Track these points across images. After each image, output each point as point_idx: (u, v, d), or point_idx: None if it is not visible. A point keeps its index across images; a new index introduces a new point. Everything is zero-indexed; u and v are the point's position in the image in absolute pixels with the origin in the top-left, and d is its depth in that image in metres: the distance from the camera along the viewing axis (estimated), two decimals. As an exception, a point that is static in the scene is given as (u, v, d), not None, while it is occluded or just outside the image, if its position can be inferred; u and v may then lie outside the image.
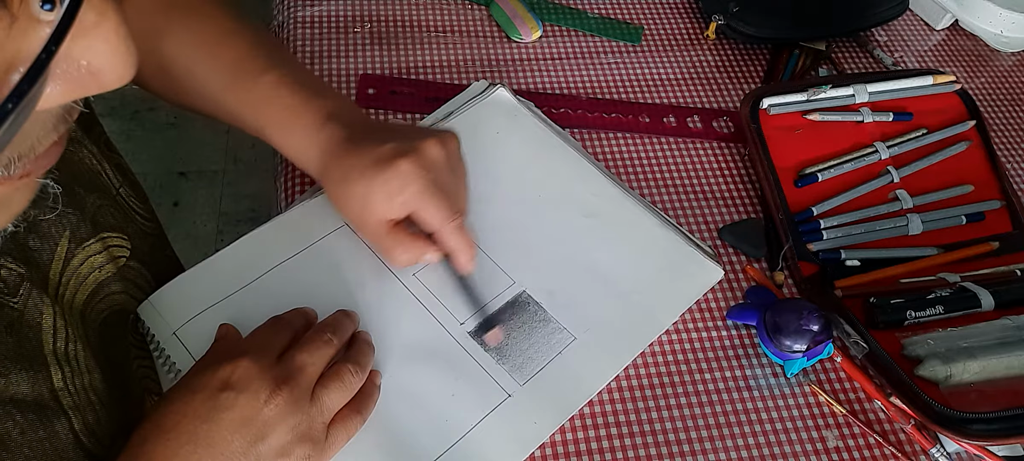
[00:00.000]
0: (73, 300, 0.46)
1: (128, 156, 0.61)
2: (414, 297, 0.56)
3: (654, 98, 0.74)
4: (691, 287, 0.60)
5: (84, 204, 0.48)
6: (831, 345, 0.57)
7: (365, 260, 0.57)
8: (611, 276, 0.59)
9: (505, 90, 0.68)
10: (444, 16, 0.77)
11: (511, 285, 0.58)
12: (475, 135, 0.64)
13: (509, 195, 0.63)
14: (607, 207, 0.63)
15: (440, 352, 0.54)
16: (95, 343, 0.47)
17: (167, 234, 0.64)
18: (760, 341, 0.58)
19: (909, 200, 0.66)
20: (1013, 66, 0.84)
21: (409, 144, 0.52)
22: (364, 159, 0.52)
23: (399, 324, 0.55)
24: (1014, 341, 0.57)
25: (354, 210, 0.54)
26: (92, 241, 0.48)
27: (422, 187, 0.51)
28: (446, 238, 0.53)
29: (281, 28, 0.75)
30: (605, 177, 0.64)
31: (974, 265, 0.64)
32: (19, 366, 0.40)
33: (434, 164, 0.53)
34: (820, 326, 0.55)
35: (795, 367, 0.57)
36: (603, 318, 0.57)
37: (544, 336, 0.56)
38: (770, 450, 0.55)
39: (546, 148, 0.66)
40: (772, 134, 0.68)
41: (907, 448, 0.56)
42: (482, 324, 0.56)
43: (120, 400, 0.46)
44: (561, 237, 0.61)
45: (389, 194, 0.51)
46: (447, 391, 0.53)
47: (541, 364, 0.54)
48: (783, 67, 0.78)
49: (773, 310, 0.56)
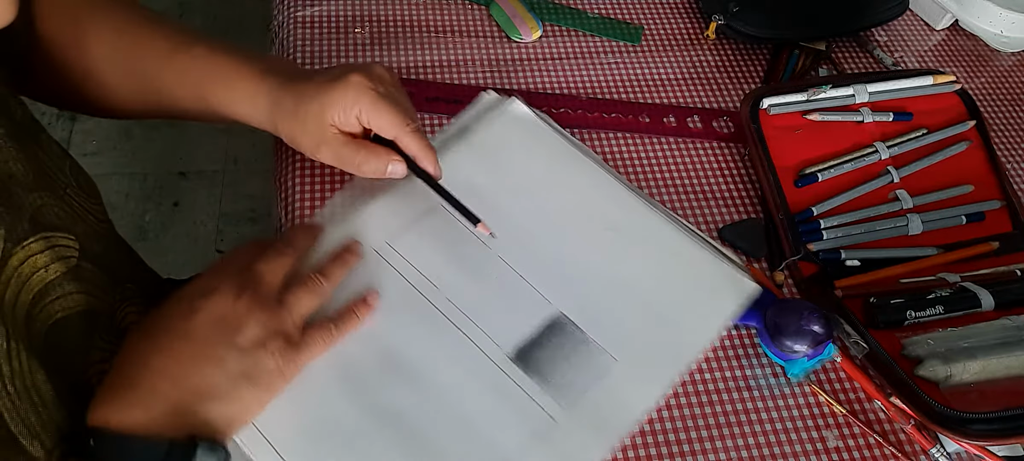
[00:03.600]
0: (16, 300, 0.46)
1: (128, 156, 0.61)
2: (452, 323, 0.55)
3: (654, 98, 0.74)
4: (727, 302, 0.58)
5: (21, 203, 0.48)
6: (833, 346, 0.57)
7: (397, 287, 0.56)
8: (645, 294, 0.58)
9: (521, 102, 0.67)
10: (444, 16, 0.77)
11: (546, 305, 0.57)
12: (495, 151, 0.64)
13: (536, 213, 0.62)
14: (635, 222, 0.62)
15: (482, 378, 0.53)
16: (41, 344, 0.47)
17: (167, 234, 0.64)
18: (761, 342, 0.58)
19: (909, 200, 0.66)
20: (1013, 66, 0.84)
21: (356, 65, 0.56)
22: (314, 82, 0.55)
23: (439, 351, 0.54)
24: (1014, 341, 0.57)
25: (312, 131, 0.55)
26: (31, 240, 0.48)
27: (374, 97, 0.54)
28: (406, 142, 0.56)
29: (281, 28, 0.75)
30: (629, 190, 0.63)
31: (974, 265, 0.64)
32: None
33: (382, 79, 0.56)
34: (821, 326, 0.55)
35: (796, 368, 0.57)
36: (642, 338, 0.56)
37: (585, 358, 0.55)
38: (770, 450, 0.55)
39: (568, 162, 0.65)
40: (772, 134, 0.68)
41: (907, 448, 0.56)
42: (520, 348, 0.55)
43: (69, 402, 0.46)
44: (592, 255, 0.60)
45: (345, 106, 0.54)
46: (491, 418, 0.52)
47: (584, 388, 0.53)
48: (783, 67, 0.78)
49: (774, 310, 0.56)
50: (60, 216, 0.51)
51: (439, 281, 0.57)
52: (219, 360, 0.47)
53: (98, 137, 1.68)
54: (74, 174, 0.56)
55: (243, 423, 0.48)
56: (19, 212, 0.47)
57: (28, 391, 0.44)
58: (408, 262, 0.57)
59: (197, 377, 0.46)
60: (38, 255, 0.48)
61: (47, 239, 0.49)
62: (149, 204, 1.61)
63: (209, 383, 0.46)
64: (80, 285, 0.51)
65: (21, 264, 0.47)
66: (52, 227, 0.50)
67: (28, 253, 0.47)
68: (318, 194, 0.63)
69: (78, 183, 0.56)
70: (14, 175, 0.49)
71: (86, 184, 0.57)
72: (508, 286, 0.57)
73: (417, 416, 0.51)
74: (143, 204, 1.60)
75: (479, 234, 0.57)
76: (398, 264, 0.57)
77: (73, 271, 0.50)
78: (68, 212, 0.53)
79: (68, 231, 0.51)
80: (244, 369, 0.47)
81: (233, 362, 0.47)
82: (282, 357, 0.48)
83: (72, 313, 0.50)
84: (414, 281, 0.57)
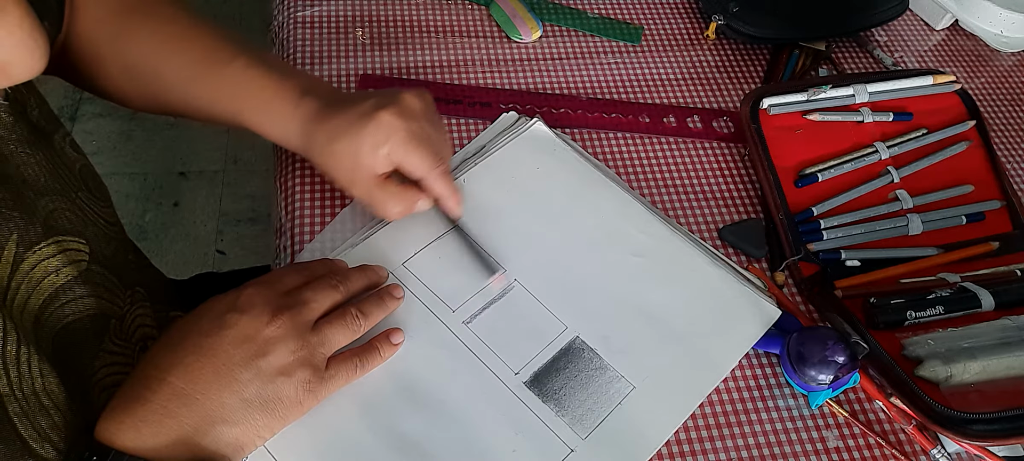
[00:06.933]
0: (25, 304, 0.46)
1: (128, 156, 0.61)
2: (467, 349, 0.55)
3: (654, 98, 0.74)
4: (748, 328, 0.58)
5: (34, 208, 0.48)
6: (858, 375, 0.55)
7: (413, 310, 0.56)
8: (665, 319, 0.57)
9: (542, 124, 0.67)
10: (444, 16, 0.77)
11: (564, 331, 0.56)
12: (516, 172, 0.64)
13: (556, 235, 0.61)
14: (656, 245, 0.61)
15: (498, 405, 0.53)
16: (50, 348, 0.46)
17: (167, 234, 0.65)
18: (783, 371, 0.57)
19: (909, 200, 0.66)
20: (1013, 66, 0.84)
21: (388, 98, 0.55)
22: (347, 117, 0.54)
23: (455, 378, 0.53)
24: (1014, 341, 0.57)
25: (345, 168, 0.55)
26: (44, 244, 0.48)
27: (405, 136, 0.54)
28: (432, 184, 0.56)
29: (281, 28, 0.75)
30: (650, 212, 0.63)
31: (974, 265, 0.64)
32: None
33: (414, 114, 0.55)
34: (846, 357, 0.53)
35: (820, 399, 0.55)
36: (661, 365, 0.55)
37: (602, 385, 0.54)
38: (770, 450, 0.55)
39: (589, 184, 0.64)
40: (772, 134, 0.68)
41: (907, 449, 0.56)
42: (536, 374, 0.54)
43: (80, 406, 0.46)
44: (611, 278, 0.59)
45: (375, 145, 0.53)
46: (507, 447, 0.51)
47: (601, 416, 0.53)
48: (783, 67, 0.78)
49: (797, 339, 0.55)
50: (71, 220, 0.51)
51: (454, 303, 0.57)
52: (239, 383, 0.46)
53: (98, 137, 1.68)
54: (85, 176, 0.56)
55: (252, 448, 0.48)
56: (32, 216, 0.47)
57: (38, 395, 0.43)
58: (423, 284, 0.57)
59: (214, 402, 0.45)
60: (50, 259, 0.48)
61: (59, 243, 0.49)
62: (149, 204, 1.61)
63: (225, 409, 0.46)
64: (90, 289, 0.51)
65: (33, 268, 0.47)
66: (64, 231, 0.50)
67: (40, 257, 0.47)
68: (318, 194, 0.63)
69: (89, 186, 0.56)
70: (27, 180, 0.49)
71: (97, 187, 0.57)
72: (525, 310, 0.57)
73: (432, 445, 0.51)
74: (143, 204, 1.61)
75: (492, 263, 0.57)
76: (413, 286, 0.57)
77: (83, 275, 0.50)
78: (79, 215, 0.53)
79: (79, 235, 0.51)
80: (262, 395, 0.47)
81: (252, 387, 0.46)
82: (304, 388, 0.48)
83: (82, 317, 0.50)
84: (429, 303, 0.56)
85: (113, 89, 0.60)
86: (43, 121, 0.53)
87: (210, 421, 0.45)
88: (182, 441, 0.44)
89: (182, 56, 0.57)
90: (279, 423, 0.48)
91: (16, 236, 0.46)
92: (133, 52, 0.58)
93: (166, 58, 0.57)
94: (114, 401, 0.45)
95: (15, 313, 0.44)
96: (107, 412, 0.45)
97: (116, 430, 0.44)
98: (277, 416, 0.47)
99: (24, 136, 0.50)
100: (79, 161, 0.57)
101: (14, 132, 0.49)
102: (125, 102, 0.61)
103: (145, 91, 0.59)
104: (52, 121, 0.55)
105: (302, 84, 0.56)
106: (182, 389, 0.45)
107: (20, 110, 0.51)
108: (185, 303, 0.61)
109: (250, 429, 0.47)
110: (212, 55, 0.57)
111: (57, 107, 1.70)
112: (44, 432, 0.43)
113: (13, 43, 0.26)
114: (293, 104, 0.55)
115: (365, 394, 0.52)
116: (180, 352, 0.46)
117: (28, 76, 0.28)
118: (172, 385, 0.45)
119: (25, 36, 0.27)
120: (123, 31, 0.58)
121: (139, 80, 0.59)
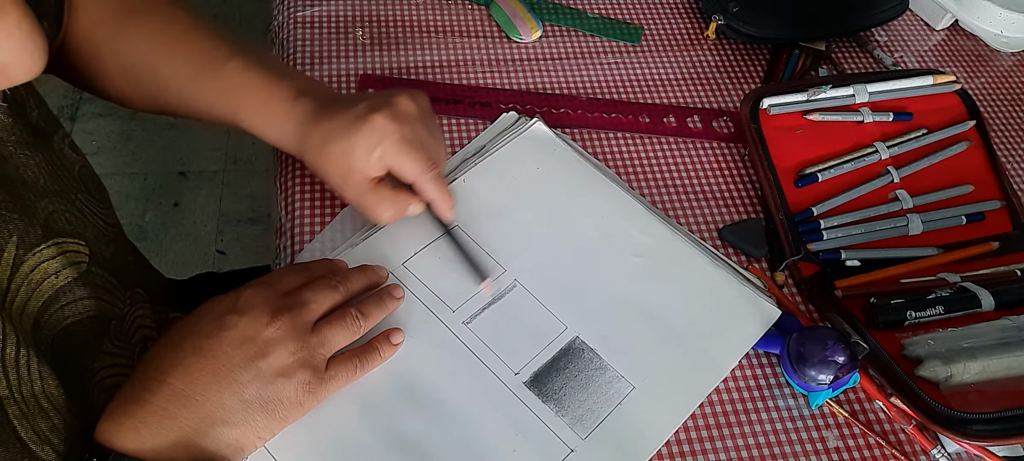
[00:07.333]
0: (25, 306, 0.46)
1: (128, 156, 0.61)
2: (467, 349, 0.55)
3: (654, 98, 0.74)
4: (748, 328, 0.58)
5: (34, 209, 0.48)
6: (858, 375, 0.56)
7: (412, 310, 0.56)
8: (665, 319, 0.57)
9: (542, 124, 0.67)
10: (444, 16, 0.77)
11: (564, 331, 0.56)
12: (516, 173, 0.63)
13: (556, 235, 0.61)
14: (656, 245, 0.61)
15: (498, 406, 0.52)
16: (50, 351, 0.46)
17: (167, 234, 0.65)
18: (783, 371, 0.57)
19: (909, 200, 0.66)
20: (1013, 66, 0.84)
21: (382, 101, 0.54)
22: (341, 120, 0.54)
23: (455, 378, 0.53)
24: (1014, 341, 0.57)
25: (337, 171, 0.55)
26: (44, 246, 0.47)
27: (398, 140, 0.53)
28: (425, 188, 0.56)
29: (281, 28, 0.75)
30: (651, 213, 0.63)
31: (974, 265, 0.64)
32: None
33: (408, 117, 0.55)
34: (847, 357, 0.53)
35: (820, 399, 0.56)
36: (661, 365, 0.55)
37: (602, 385, 0.54)
38: (770, 450, 0.55)
39: (589, 184, 0.64)
40: (772, 134, 0.68)
41: (907, 449, 0.56)
42: (536, 374, 0.54)
43: (79, 408, 0.46)
44: (611, 278, 0.59)
45: (368, 149, 0.53)
46: (508, 447, 0.51)
47: (601, 416, 0.53)
48: (783, 67, 0.78)
49: (797, 339, 0.55)
50: (71, 221, 0.51)
51: (454, 303, 0.57)
52: (238, 384, 0.46)
53: (98, 137, 1.68)
54: (84, 177, 0.56)
55: (252, 449, 0.48)
56: (32, 219, 0.47)
57: (37, 398, 0.43)
58: (424, 284, 0.57)
59: (214, 403, 0.45)
60: (49, 261, 0.48)
61: (58, 245, 0.49)
62: (149, 204, 1.61)
63: (225, 410, 0.46)
64: (90, 290, 0.51)
65: (32, 270, 0.46)
66: (63, 233, 0.50)
67: (40, 260, 0.47)
68: (318, 194, 0.63)
69: (88, 187, 0.56)
70: (27, 181, 0.49)
71: (96, 188, 0.57)
72: (525, 310, 0.57)
73: (432, 445, 0.51)
74: (143, 204, 1.61)
75: (488, 259, 0.57)
76: (413, 286, 0.57)
77: (83, 276, 0.50)
78: (78, 217, 0.53)
79: (79, 236, 0.51)
80: (262, 397, 0.47)
81: (252, 388, 0.46)
82: (303, 389, 0.48)
83: (82, 318, 0.50)
84: (429, 303, 0.56)
85: (112, 89, 0.60)
86: (42, 122, 0.53)
87: (210, 422, 0.45)
88: (182, 442, 0.44)
89: (180, 56, 0.57)
90: (279, 424, 0.48)
91: (16, 238, 0.46)
92: (132, 52, 0.58)
93: (164, 58, 0.58)
94: (114, 403, 0.45)
95: (15, 315, 0.44)
96: (107, 414, 0.45)
97: (116, 432, 0.44)
98: (277, 417, 0.47)
99: (23, 138, 0.50)
100: (78, 162, 0.57)
101: (13, 134, 0.49)
102: (124, 102, 0.61)
103: (144, 91, 0.60)
104: (51, 122, 0.55)
105: (298, 86, 0.56)
106: (182, 390, 0.45)
107: (19, 111, 0.51)
108: (185, 303, 0.62)
109: (250, 430, 0.47)
110: (209, 56, 0.57)
111: (57, 107, 1.70)
112: (44, 434, 0.43)
113: (12, 44, 0.26)
114: (288, 105, 0.55)
115: (365, 394, 0.52)
116: (180, 353, 0.46)
117: (27, 77, 0.28)
118: (172, 386, 0.45)
119: (24, 37, 0.27)
120: (122, 31, 0.58)
121: (138, 80, 0.59)
